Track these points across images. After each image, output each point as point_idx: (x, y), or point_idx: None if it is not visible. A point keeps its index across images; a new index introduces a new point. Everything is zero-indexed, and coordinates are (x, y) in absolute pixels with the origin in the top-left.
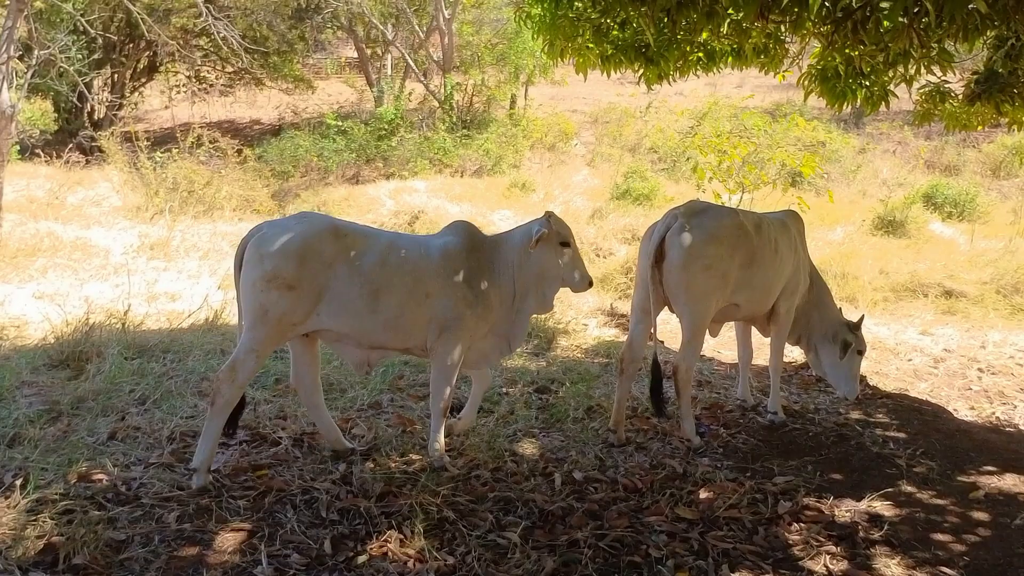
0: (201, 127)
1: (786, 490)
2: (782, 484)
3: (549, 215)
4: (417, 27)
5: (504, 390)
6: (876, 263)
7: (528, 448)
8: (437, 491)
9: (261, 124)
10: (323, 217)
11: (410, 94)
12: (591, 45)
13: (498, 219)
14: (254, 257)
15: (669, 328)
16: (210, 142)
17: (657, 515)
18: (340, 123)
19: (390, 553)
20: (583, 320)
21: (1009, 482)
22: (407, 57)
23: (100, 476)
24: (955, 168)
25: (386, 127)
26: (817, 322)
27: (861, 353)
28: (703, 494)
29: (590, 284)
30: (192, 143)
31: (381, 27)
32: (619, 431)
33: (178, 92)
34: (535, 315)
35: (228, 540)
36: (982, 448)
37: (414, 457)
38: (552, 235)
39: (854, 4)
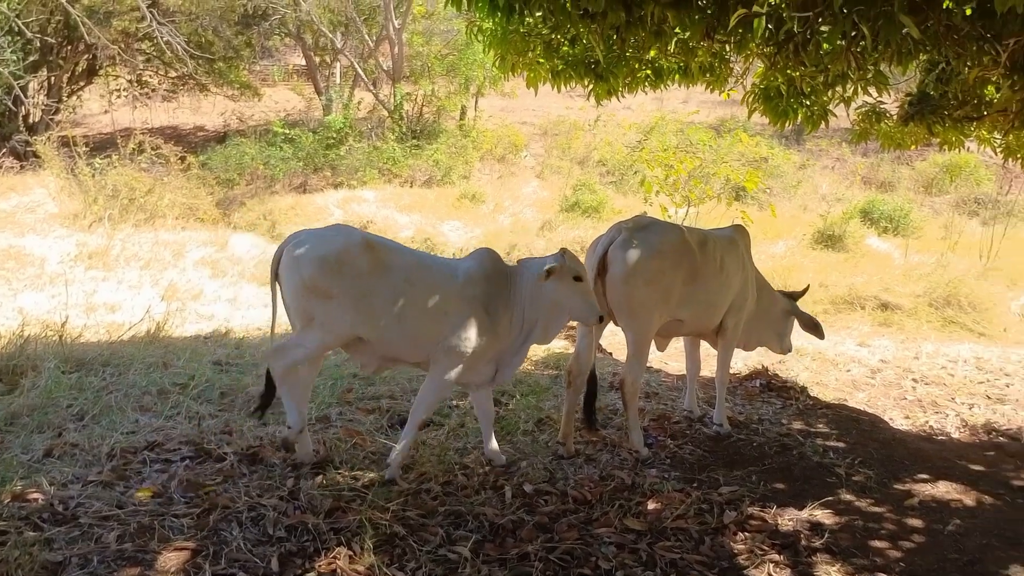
0: (143, 133)
1: (731, 500)
2: (727, 494)
3: (564, 251)
4: (367, 36)
5: (454, 403)
6: (816, 276)
7: (478, 461)
8: (387, 506)
9: (205, 131)
10: (357, 230)
11: (359, 103)
12: (542, 60)
13: (448, 230)
14: (291, 263)
15: (619, 340)
16: (152, 148)
17: (606, 527)
18: (287, 131)
19: (339, 570)
20: None
21: (942, 490)
22: (356, 66)
23: (35, 495)
24: (890, 184)
25: (334, 136)
26: (772, 321)
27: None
28: (651, 505)
29: (601, 319)
30: (133, 149)
31: (330, 35)
32: (568, 443)
33: (118, 96)
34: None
35: (171, 560)
36: (916, 457)
37: (363, 472)
38: (566, 270)
39: (796, 29)
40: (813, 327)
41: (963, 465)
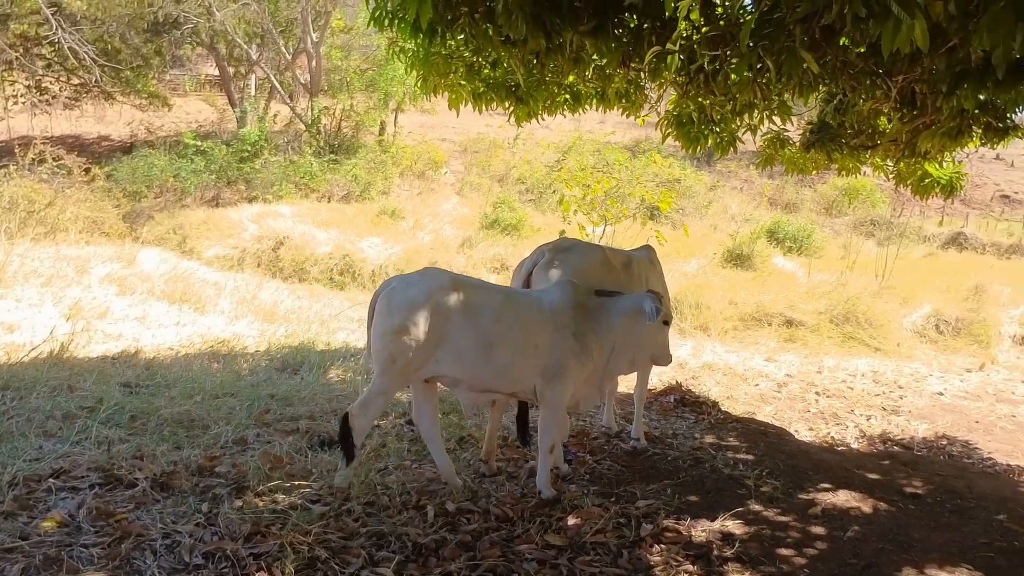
0: (43, 142)
1: (648, 513)
2: (644, 508)
3: (659, 297)
4: (284, 49)
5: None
6: (726, 294)
7: (400, 481)
8: (308, 529)
9: (111, 141)
10: (444, 273)
11: (275, 116)
12: (463, 82)
13: (367, 247)
14: (384, 310)
15: None
16: (53, 158)
17: (528, 543)
18: (199, 143)
19: None
20: None
21: (842, 498)
22: (273, 78)
23: None
24: (794, 206)
25: (249, 149)
26: None
27: None
28: (571, 520)
29: (670, 361)
30: (32, 159)
31: (245, 47)
32: (490, 461)
33: (15, 103)
34: None
35: None
36: (819, 467)
37: (282, 496)
38: (662, 315)
39: (706, 64)
40: None
41: (861, 474)
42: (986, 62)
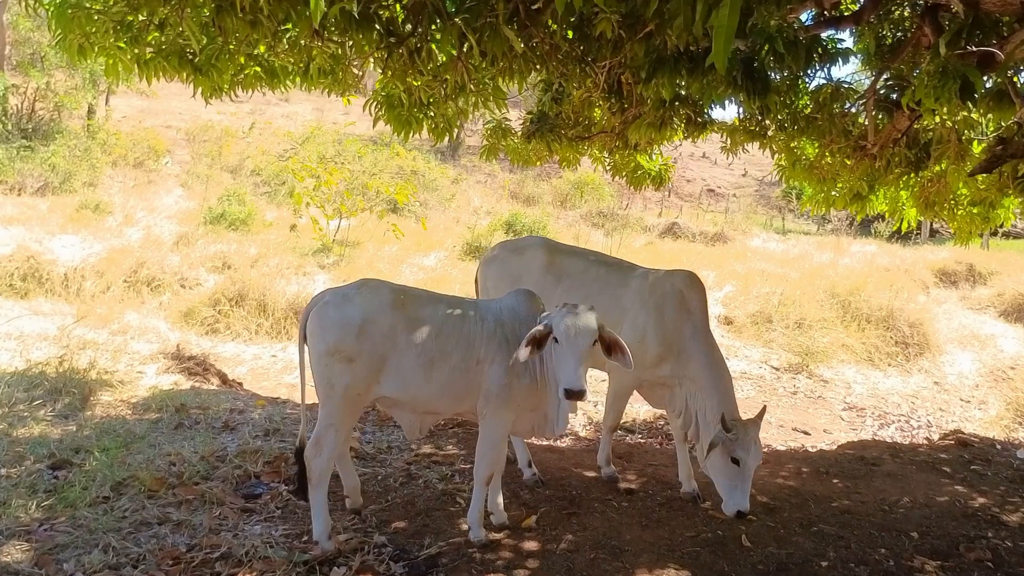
0: None
1: (344, 551)
2: (341, 544)
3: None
4: None
5: (2, 471)
6: (463, 287)
7: (15, 554)
8: None
9: None
10: (385, 287)
11: None
12: (123, 45)
13: (59, 247)
14: (316, 329)
15: (260, 364)
16: None
17: None
18: None
19: None
20: (139, 367)
21: (558, 504)
22: None
23: None
24: (534, 199)
25: None
26: None
27: None
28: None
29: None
30: None
31: None
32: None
33: None
34: None
35: None
36: (538, 469)
37: None
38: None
39: (412, 42)
40: None
41: (580, 472)
42: (679, 51)
